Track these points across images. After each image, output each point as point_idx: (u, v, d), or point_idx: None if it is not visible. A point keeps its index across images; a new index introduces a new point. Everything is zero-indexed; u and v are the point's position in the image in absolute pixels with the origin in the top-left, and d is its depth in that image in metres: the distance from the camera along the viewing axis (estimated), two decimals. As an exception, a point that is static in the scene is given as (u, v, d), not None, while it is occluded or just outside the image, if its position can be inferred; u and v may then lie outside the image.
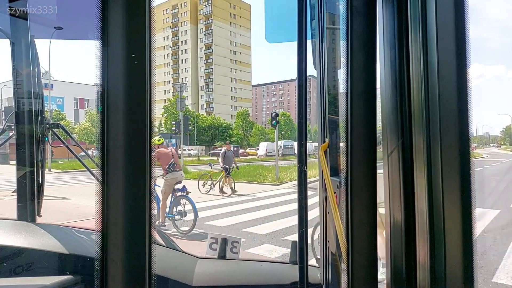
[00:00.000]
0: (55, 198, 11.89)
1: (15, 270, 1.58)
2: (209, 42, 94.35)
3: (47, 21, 2.05)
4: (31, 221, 2.02)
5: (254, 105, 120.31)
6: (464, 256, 0.79)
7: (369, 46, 0.87)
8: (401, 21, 0.95)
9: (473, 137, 24.33)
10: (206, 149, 63.14)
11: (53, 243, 1.68)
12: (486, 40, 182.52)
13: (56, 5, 2.05)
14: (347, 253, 0.87)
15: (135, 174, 0.75)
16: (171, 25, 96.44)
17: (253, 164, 28.66)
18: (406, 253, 0.94)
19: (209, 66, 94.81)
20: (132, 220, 0.75)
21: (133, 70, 0.75)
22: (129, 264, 0.75)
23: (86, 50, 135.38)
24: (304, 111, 1.60)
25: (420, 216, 0.89)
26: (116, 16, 0.75)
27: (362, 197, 0.86)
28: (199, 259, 1.85)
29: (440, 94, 0.81)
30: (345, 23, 0.87)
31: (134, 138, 0.75)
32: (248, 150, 58.02)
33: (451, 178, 0.80)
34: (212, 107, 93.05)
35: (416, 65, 0.89)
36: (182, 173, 8.34)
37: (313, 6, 1.62)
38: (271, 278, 1.78)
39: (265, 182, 17.80)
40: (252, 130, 70.46)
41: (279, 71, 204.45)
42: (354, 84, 0.86)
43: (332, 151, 1.49)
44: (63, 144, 2.21)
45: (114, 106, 0.75)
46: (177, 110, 22.52)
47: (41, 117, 2.07)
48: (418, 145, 0.89)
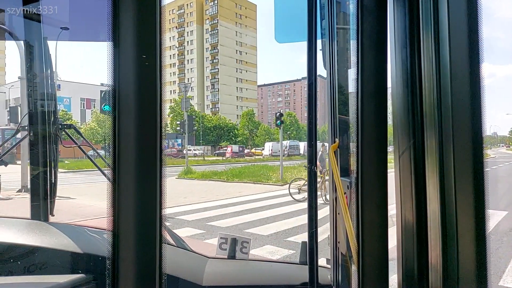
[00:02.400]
0: (59, 198, 11.92)
1: (29, 268, 1.61)
2: (215, 42, 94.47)
3: (60, 23, 2.09)
4: (44, 220, 2.05)
5: (260, 105, 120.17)
6: (477, 257, 0.78)
7: (379, 45, 0.86)
8: (413, 19, 0.94)
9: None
10: (211, 149, 63.25)
11: (66, 242, 1.70)
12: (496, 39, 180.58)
13: (69, 7, 2.10)
14: (357, 254, 0.87)
15: (146, 174, 0.76)
16: (177, 25, 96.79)
17: (258, 164, 28.69)
18: (418, 254, 0.94)
19: (214, 66, 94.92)
20: (143, 219, 0.76)
21: (144, 71, 0.76)
22: (140, 264, 0.76)
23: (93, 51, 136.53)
24: (314, 111, 1.59)
25: (432, 217, 0.88)
26: (127, 17, 0.75)
27: (373, 198, 0.85)
28: (209, 259, 1.85)
29: (452, 94, 0.80)
30: (356, 22, 0.86)
31: (145, 138, 0.76)
32: (254, 150, 58.02)
33: (464, 179, 0.79)
34: (217, 107, 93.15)
35: (428, 64, 0.88)
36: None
37: (323, 5, 1.61)
38: (280, 279, 1.78)
39: (269, 182, 17.79)
40: (258, 130, 70.39)
41: (285, 71, 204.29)
42: (364, 83, 0.85)
43: (342, 151, 1.49)
44: (76, 145, 2.23)
45: (125, 106, 0.75)
46: (182, 110, 22.59)
47: (54, 117, 2.09)
48: (430, 146, 0.88)
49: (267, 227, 8.47)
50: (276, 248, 6.83)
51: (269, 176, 19.33)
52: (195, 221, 9.08)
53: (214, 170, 23.04)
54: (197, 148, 54.68)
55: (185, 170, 21.73)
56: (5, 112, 35.86)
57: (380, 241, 0.85)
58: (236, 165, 27.98)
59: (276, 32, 2.01)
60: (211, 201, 12.24)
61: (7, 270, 1.62)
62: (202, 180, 19.45)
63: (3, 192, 11.31)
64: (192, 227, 8.45)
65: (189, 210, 10.49)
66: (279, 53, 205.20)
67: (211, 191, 14.93)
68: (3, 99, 41.74)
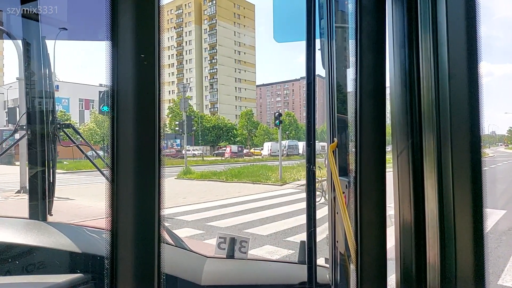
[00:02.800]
0: (57, 199, 11.89)
1: (27, 268, 1.61)
2: (214, 43, 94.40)
3: (58, 22, 2.08)
4: (43, 220, 2.05)
5: (259, 105, 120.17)
6: (475, 257, 0.79)
7: (378, 44, 0.86)
8: (411, 19, 0.94)
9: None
10: (210, 149, 63.23)
11: (64, 242, 1.70)
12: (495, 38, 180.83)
13: (67, 6, 2.10)
14: (356, 253, 0.87)
15: (145, 173, 0.76)
16: (175, 25, 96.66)
17: (257, 164, 28.70)
18: (416, 254, 0.94)
19: (213, 66, 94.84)
20: (142, 219, 0.76)
21: (143, 71, 0.76)
22: (139, 263, 0.76)
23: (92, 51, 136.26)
24: (313, 110, 1.59)
25: (430, 216, 0.88)
26: (125, 17, 0.75)
27: (372, 197, 0.85)
28: (208, 258, 1.85)
29: (450, 93, 0.80)
30: (354, 21, 0.86)
31: (143, 138, 0.76)
32: (253, 150, 58.02)
33: (462, 179, 0.79)
34: (216, 107, 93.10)
35: (426, 64, 0.89)
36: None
37: (321, 5, 1.62)
38: (279, 278, 1.78)
39: (268, 182, 17.79)
40: (257, 130, 70.42)
41: (284, 71, 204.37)
42: (363, 83, 0.85)
43: (340, 150, 1.49)
44: (74, 144, 2.23)
45: (123, 106, 0.75)
46: (181, 110, 22.58)
47: (53, 117, 2.09)
48: (428, 146, 0.88)
49: (266, 227, 8.47)
50: (276, 248, 6.84)
51: (268, 176, 19.35)
52: (194, 222, 9.08)
53: (213, 170, 23.03)
54: (196, 148, 54.69)
55: (184, 170, 21.70)
56: (3, 113, 35.77)
57: (378, 240, 0.85)
58: (235, 165, 27.97)
59: (275, 31, 2.01)
60: (210, 202, 12.23)
61: (6, 270, 1.62)
62: (201, 180, 19.43)
63: (1, 194, 11.30)
64: (191, 227, 8.45)
65: (189, 211, 10.48)
66: (278, 53, 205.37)
67: (210, 191, 14.92)
68: (1, 100, 41.65)
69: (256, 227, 8.47)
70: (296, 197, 12.81)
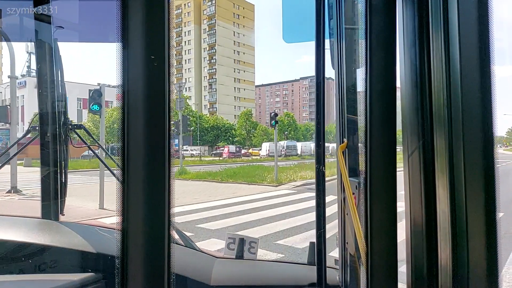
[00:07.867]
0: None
1: (39, 267, 1.65)
2: (213, 42, 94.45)
3: (70, 25, 2.14)
4: (55, 220, 2.09)
5: (258, 106, 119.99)
6: (488, 258, 0.78)
7: (388, 44, 0.86)
8: (422, 18, 0.94)
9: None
10: (208, 149, 63.20)
11: (76, 241, 1.74)
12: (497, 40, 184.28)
13: (78, 9, 2.16)
14: (366, 254, 0.87)
15: (155, 173, 0.77)
16: (174, 25, 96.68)
17: (253, 165, 28.55)
18: (428, 254, 0.94)
19: (212, 66, 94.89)
20: (152, 219, 0.77)
21: (153, 71, 0.77)
22: (149, 263, 0.77)
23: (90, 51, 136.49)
24: (322, 111, 1.58)
25: (442, 217, 0.88)
26: (135, 19, 0.76)
27: (382, 198, 0.85)
28: (217, 258, 1.87)
29: (462, 93, 0.80)
30: (364, 21, 0.86)
31: (154, 138, 0.77)
32: (251, 150, 57.98)
33: (475, 179, 0.79)
34: (215, 107, 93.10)
35: (438, 63, 0.88)
36: None
37: (331, 5, 1.62)
38: (288, 279, 1.79)
39: (263, 183, 17.62)
40: (255, 131, 70.35)
41: (283, 71, 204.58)
42: (373, 83, 0.85)
43: (350, 151, 1.49)
44: (85, 145, 2.29)
45: (134, 107, 0.76)
46: (177, 110, 22.54)
47: (64, 118, 2.13)
48: (440, 146, 0.88)
49: (257, 230, 8.29)
50: (265, 252, 6.62)
51: (264, 176, 19.17)
52: (184, 223, 8.88)
53: (209, 171, 22.87)
54: (194, 148, 54.66)
55: (179, 170, 21.51)
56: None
57: (389, 242, 0.85)
58: (232, 165, 27.86)
59: (284, 32, 2.02)
60: (202, 203, 12.01)
61: (19, 268, 1.66)
62: (196, 180, 19.23)
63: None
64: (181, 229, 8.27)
65: (180, 212, 10.26)
66: (278, 53, 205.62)
67: (203, 192, 14.74)
68: (0, 99, 41.74)
69: (248, 229, 8.27)
70: (290, 198, 12.61)
